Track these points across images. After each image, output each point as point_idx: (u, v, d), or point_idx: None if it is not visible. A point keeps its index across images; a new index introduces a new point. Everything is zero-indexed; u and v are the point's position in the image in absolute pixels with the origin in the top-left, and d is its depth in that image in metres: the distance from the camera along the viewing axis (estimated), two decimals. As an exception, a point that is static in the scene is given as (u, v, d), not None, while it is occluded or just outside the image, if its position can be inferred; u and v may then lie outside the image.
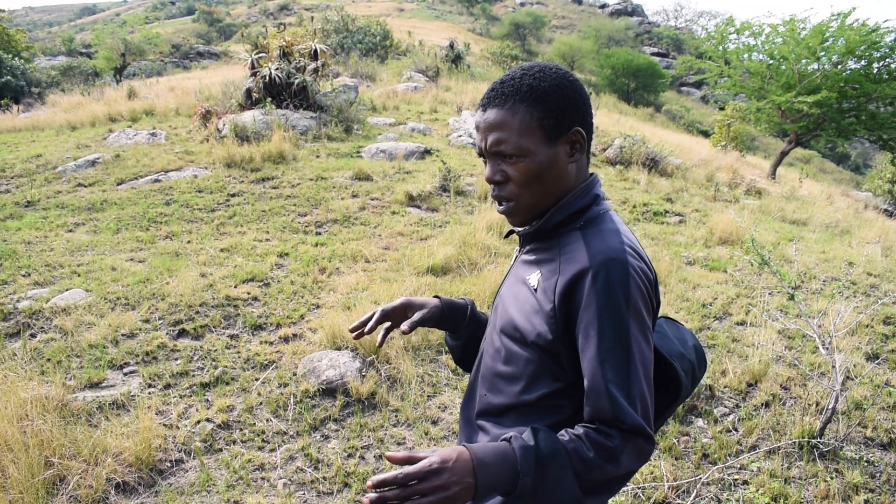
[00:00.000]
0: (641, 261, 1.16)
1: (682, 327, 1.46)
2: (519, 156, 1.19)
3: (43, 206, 6.81)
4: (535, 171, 1.19)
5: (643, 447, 1.09)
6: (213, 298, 4.47)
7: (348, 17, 23.99)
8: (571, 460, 1.06)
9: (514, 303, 1.27)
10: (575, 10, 63.80)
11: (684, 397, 1.33)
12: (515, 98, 1.18)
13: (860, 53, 12.87)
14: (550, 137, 1.19)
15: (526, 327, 1.21)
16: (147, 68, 26.11)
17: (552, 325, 1.16)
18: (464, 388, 3.60)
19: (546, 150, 1.19)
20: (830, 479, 2.90)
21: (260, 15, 54.98)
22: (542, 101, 1.18)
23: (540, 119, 1.18)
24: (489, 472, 1.02)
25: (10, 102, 15.20)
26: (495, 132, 1.20)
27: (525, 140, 1.18)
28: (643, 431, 1.08)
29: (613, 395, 1.08)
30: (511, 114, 1.18)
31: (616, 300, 1.09)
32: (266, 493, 2.77)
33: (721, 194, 9.11)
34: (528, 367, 1.22)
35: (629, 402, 1.08)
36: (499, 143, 1.19)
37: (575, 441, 1.08)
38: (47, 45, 38.27)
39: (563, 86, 1.20)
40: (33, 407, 2.90)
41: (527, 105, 1.18)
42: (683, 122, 32.62)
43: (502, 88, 1.21)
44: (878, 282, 5.43)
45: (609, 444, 1.07)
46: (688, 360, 1.35)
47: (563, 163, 1.22)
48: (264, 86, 10.29)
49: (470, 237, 5.57)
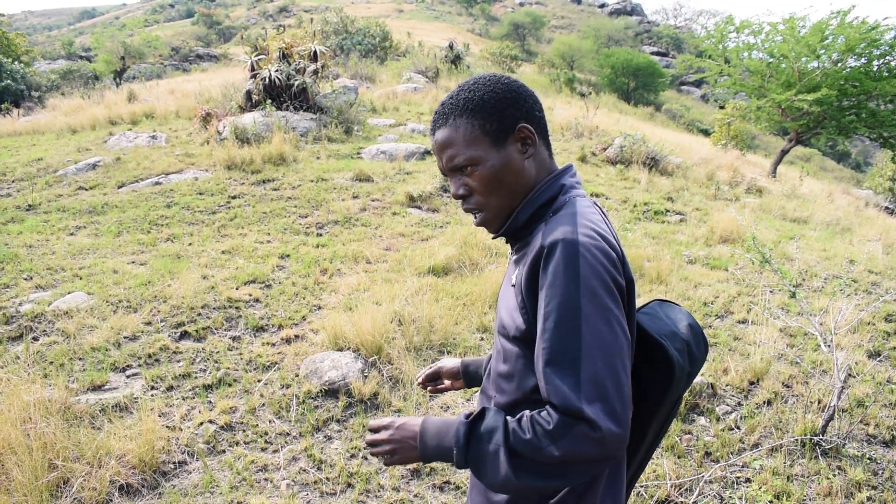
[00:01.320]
0: (599, 238, 1.13)
1: (677, 307, 1.44)
2: (472, 165, 1.24)
3: (44, 209, 6.82)
4: (492, 175, 1.24)
5: (586, 433, 1.03)
6: (215, 300, 4.48)
7: (347, 19, 24.00)
8: (507, 439, 1.11)
9: (503, 302, 1.31)
10: (574, 10, 63.82)
11: (682, 379, 1.29)
12: (455, 114, 1.25)
13: (860, 51, 12.87)
14: (497, 140, 1.24)
15: (509, 323, 1.24)
16: (147, 71, 26.12)
17: (525, 316, 1.19)
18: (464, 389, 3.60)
19: (496, 154, 1.24)
20: (833, 477, 2.90)
21: (259, 17, 55.02)
22: (479, 109, 1.23)
23: (482, 126, 1.23)
24: (429, 439, 1.21)
25: (11, 106, 15.21)
26: (446, 150, 1.26)
27: (473, 150, 1.23)
28: (583, 416, 1.03)
29: (549, 376, 1.08)
30: (454, 129, 1.25)
31: (563, 281, 1.08)
32: (269, 493, 2.77)
33: (722, 193, 9.11)
34: (517, 362, 1.24)
35: (573, 386, 1.05)
36: (452, 159, 1.25)
37: (518, 421, 1.12)
38: (47, 49, 38.30)
39: (496, 90, 1.25)
40: (36, 410, 2.90)
41: (466, 117, 1.24)
42: (683, 121, 32.61)
43: (443, 109, 1.27)
44: (880, 279, 5.43)
45: (546, 427, 1.07)
46: (681, 338, 1.32)
47: (517, 161, 1.26)
48: (264, 88, 10.31)
49: (471, 237, 5.58)
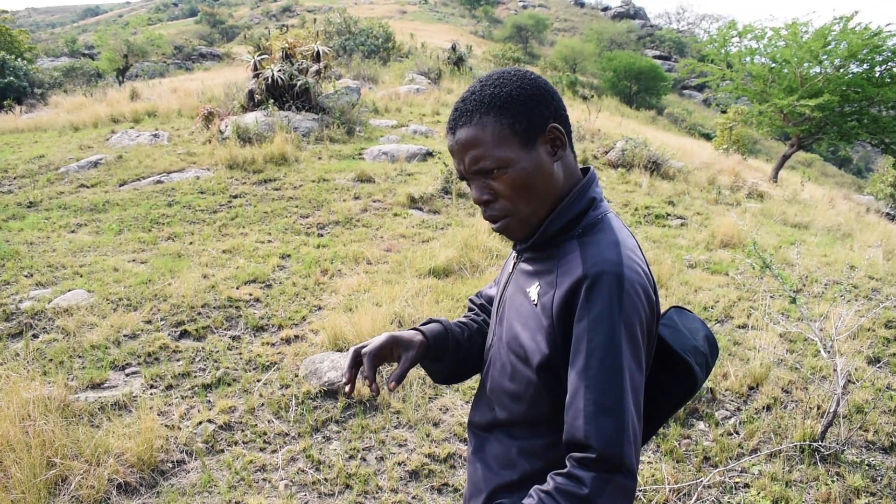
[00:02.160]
0: (640, 273, 1.09)
1: (692, 316, 1.37)
2: (501, 168, 1.13)
3: (45, 206, 6.82)
4: (523, 179, 1.13)
5: (625, 486, 0.97)
6: (215, 300, 4.48)
7: (351, 20, 24.02)
8: None
9: (517, 317, 1.21)
10: (577, 13, 63.85)
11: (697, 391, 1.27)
12: (481, 111, 1.13)
13: (862, 57, 12.89)
14: (527, 141, 1.13)
15: (530, 346, 1.15)
16: (150, 69, 26.14)
17: (552, 342, 1.11)
18: (465, 390, 3.60)
19: (527, 156, 1.13)
20: (832, 483, 2.90)
21: (262, 17, 55.08)
22: (509, 106, 1.13)
23: (511, 125, 1.12)
24: None
25: (13, 103, 15.24)
26: (471, 151, 1.14)
27: (502, 150, 1.12)
28: (623, 466, 0.97)
29: (589, 414, 1.00)
30: (481, 128, 1.13)
31: (609, 317, 1.03)
32: (267, 494, 2.77)
33: (723, 197, 9.11)
34: (529, 387, 1.17)
35: (613, 430, 0.98)
36: (477, 161, 1.14)
37: (546, 498, 1.00)
38: (50, 47, 38.35)
39: (524, 86, 1.15)
40: (35, 407, 2.91)
41: (494, 115, 1.12)
42: (685, 125, 32.62)
43: (465, 106, 1.15)
44: (880, 285, 5.43)
45: (580, 492, 0.97)
46: (701, 353, 1.27)
47: (547, 164, 1.16)
48: (267, 87, 10.32)
49: (472, 239, 5.58)
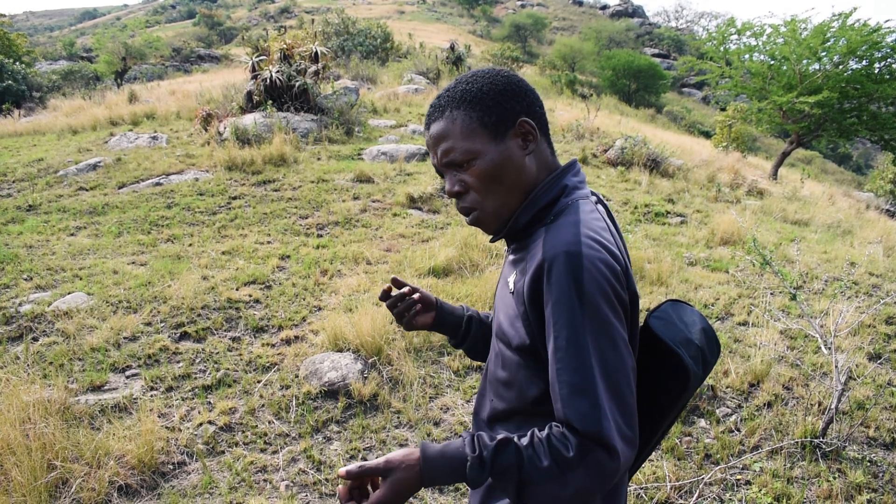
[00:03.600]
0: (601, 249, 1.08)
1: (690, 309, 1.35)
2: (469, 160, 1.17)
3: (44, 210, 6.82)
4: (490, 171, 1.17)
5: (601, 461, 1.00)
6: (215, 301, 4.47)
7: (349, 20, 24.02)
8: (523, 473, 1.03)
9: (501, 306, 1.26)
10: (575, 12, 63.83)
11: (696, 386, 1.25)
12: (452, 106, 1.18)
13: (861, 54, 12.87)
14: (496, 134, 1.17)
15: (510, 332, 1.19)
16: (148, 72, 26.14)
17: (528, 327, 1.14)
18: (465, 389, 3.60)
19: (495, 148, 1.17)
20: (833, 479, 2.90)
21: (260, 18, 55.08)
22: (478, 100, 1.17)
23: (480, 118, 1.17)
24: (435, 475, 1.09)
25: (12, 107, 15.24)
26: (442, 144, 1.19)
27: (470, 143, 1.16)
28: (602, 440, 0.99)
29: (566, 399, 1.02)
30: (451, 121, 1.18)
31: (567, 296, 1.04)
32: (268, 495, 2.77)
33: (722, 195, 9.11)
34: (518, 371, 1.20)
35: (588, 408, 1.00)
36: (448, 153, 1.18)
37: (536, 446, 1.05)
38: (48, 50, 38.35)
39: (495, 82, 1.19)
40: (36, 410, 2.90)
41: (464, 109, 1.17)
42: (685, 123, 32.61)
43: (439, 102, 1.21)
44: (880, 282, 5.43)
45: (565, 453, 1.01)
46: (696, 345, 1.26)
47: (518, 157, 1.19)
48: (265, 89, 10.31)
49: (471, 238, 5.57)
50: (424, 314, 1.49)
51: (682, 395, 1.23)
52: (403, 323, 1.46)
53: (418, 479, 1.09)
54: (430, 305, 1.49)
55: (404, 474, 1.09)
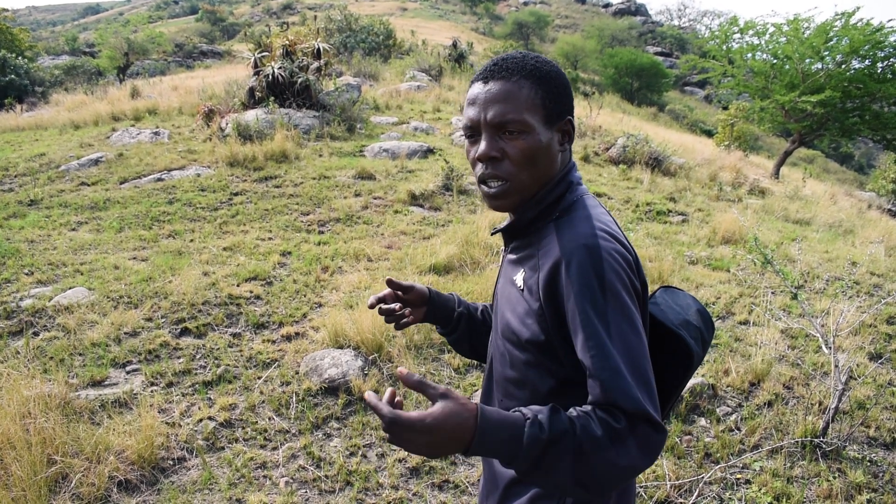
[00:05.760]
0: (615, 241, 1.12)
1: (683, 293, 1.42)
2: (521, 132, 1.15)
3: (46, 204, 6.82)
4: (534, 150, 1.16)
5: (650, 436, 1.01)
6: (216, 297, 4.48)
7: (351, 17, 23.98)
8: (578, 441, 0.98)
9: (507, 305, 1.25)
10: (578, 10, 63.73)
11: (697, 365, 1.30)
12: (521, 73, 1.16)
13: (864, 53, 12.85)
14: (549, 120, 1.18)
15: (521, 329, 1.19)
16: (150, 67, 26.14)
17: (542, 323, 1.14)
18: (466, 387, 3.60)
19: (545, 132, 1.17)
20: (833, 479, 2.90)
21: (263, 14, 55.03)
22: (546, 81, 1.17)
23: (543, 98, 1.16)
24: (487, 444, 0.98)
25: (14, 101, 15.23)
26: (498, 104, 1.15)
27: (530, 115, 1.15)
28: (648, 416, 1.01)
29: (607, 380, 1.02)
30: (518, 87, 1.15)
31: (590, 287, 1.06)
32: (268, 491, 2.77)
33: (724, 194, 9.10)
34: (529, 369, 1.20)
35: (632, 389, 1.02)
36: (504, 115, 1.14)
37: (584, 418, 1.01)
38: (51, 45, 38.37)
39: (560, 73, 1.21)
40: (36, 405, 2.90)
41: (532, 82, 1.16)
42: (687, 121, 32.57)
43: (506, 63, 1.18)
44: (882, 281, 5.42)
45: (616, 424, 1.00)
46: (694, 326, 1.31)
47: (555, 150, 1.20)
48: (267, 85, 10.30)
49: (472, 236, 5.57)
50: (417, 309, 1.50)
51: (686, 374, 1.29)
52: (394, 325, 1.49)
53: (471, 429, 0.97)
54: (423, 300, 1.49)
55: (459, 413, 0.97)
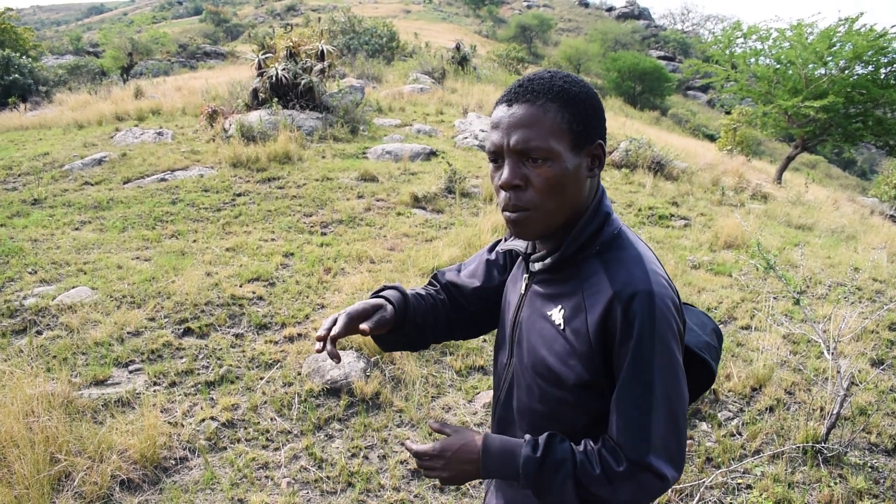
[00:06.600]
0: (668, 288, 1.12)
1: (699, 311, 1.41)
2: (546, 159, 1.08)
3: (49, 204, 6.84)
4: (560, 178, 1.09)
5: (651, 483, 1.09)
6: (219, 297, 4.48)
7: (355, 19, 24.04)
8: (576, 471, 1.11)
9: (540, 341, 1.20)
10: (581, 13, 63.77)
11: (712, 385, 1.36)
12: (548, 96, 1.09)
13: (867, 59, 12.84)
14: (577, 145, 1.11)
15: (563, 370, 1.16)
16: (154, 68, 26.16)
17: (590, 366, 1.13)
18: (467, 389, 3.61)
19: (572, 158, 1.10)
20: (834, 485, 2.90)
21: (267, 15, 55.13)
22: (574, 104, 1.10)
23: (570, 122, 1.09)
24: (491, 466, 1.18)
25: (18, 101, 15.24)
26: (522, 129, 1.08)
27: (556, 141, 1.08)
28: (651, 468, 1.08)
29: (621, 427, 1.10)
30: (543, 111, 1.08)
31: (643, 336, 1.07)
32: (270, 491, 2.78)
33: (726, 198, 9.10)
34: (562, 407, 1.19)
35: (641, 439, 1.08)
36: (527, 142, 1.08)
37: (588, 454, 1.12)
38: (55, 44, 38.45)
39: (591, 94, 1.13)
40: (39, 403, 2.91)
41: (559, 105, 1.09)
42: (689, 125, 32.56)
43: (531, 85, 1.11)
44: (884, 287, 5.42)
45: (616, 468, 1.09)
46: (714, 347, 1.34)
47: (583, 176, 1.14)
48: (271, 86, 10.32)
49: (475, 239, 5.57)
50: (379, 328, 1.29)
51: (700, 395, 1.36)
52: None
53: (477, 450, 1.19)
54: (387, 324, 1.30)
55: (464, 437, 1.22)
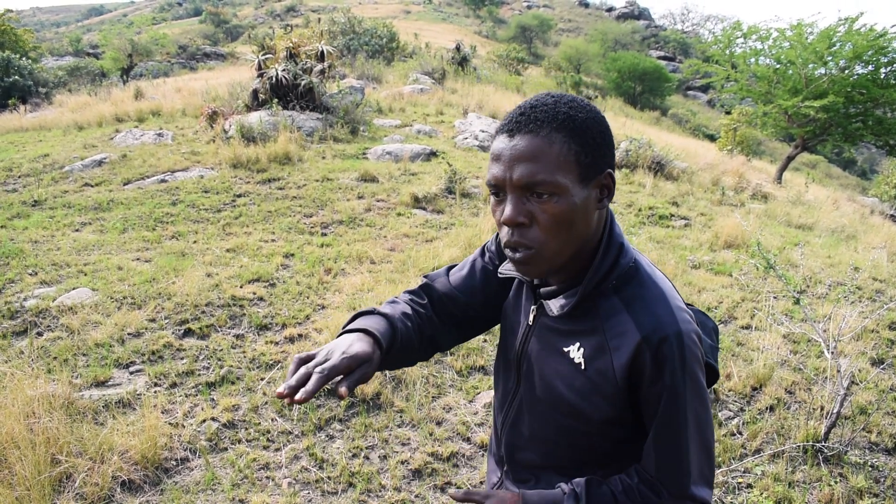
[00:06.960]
0: (692, 322, 1.10)
1: (699, 312, 1.38)
2: (553, 194, 1.00)
3: (50, 205, 6.84)
4: (568, 214, 1.02)
5: None
6: (219, 298, 4.49)
7: (355, 19, 24.04)
8: None
9: (557, 378, 1.16)
10: (581, 14, 63.82)
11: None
12: (552, 126, 1.00)
13: (867, 58, 12.85)
14: (585, 177, 1.03)
15: (585, 407, 1.13)
16: (154, 69, 26.18)
17: (616, 403, 1.11)
18: (468, 389, 3.61)
19: (580, 192, 1.02)
20: (834, 484, 2.90)
21: (266, 16, 55.17)
22: (581, 133, 1.02)
23: (577, 154, 1.01)
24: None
25: (18, 102, 15.25)
26: (526, 163, 1.00)
27: (562, 176, 1.00)
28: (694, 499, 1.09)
29: (660, 464, 1.10)
30: (548, 143, 1.00)
31: (675, 376, 1.06)
32: (271, 492, 2.78)
33: (727, 198, 9.10)
34: (582, 437, 1.18)
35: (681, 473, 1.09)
36: (532, 177, 1.00)
37: (627, 493, 1.11)
38: (55, 46, 38.49)
39: (598, 120, 1.05)
40: (40, 405, 2.92)
41: (564, 135, 1.00)
42: (689, 125, 32.58)
43: (534, 113, 1.02)
44: (884, 287, 5.42)
45: (656, 499, 1.10)
46: (716, 349, 1.33)
47: (592, 209, 1.06)
48: (271, 87, 10.33)
49: (475, 239, 5.58)
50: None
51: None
52: None
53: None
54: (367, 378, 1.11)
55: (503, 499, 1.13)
